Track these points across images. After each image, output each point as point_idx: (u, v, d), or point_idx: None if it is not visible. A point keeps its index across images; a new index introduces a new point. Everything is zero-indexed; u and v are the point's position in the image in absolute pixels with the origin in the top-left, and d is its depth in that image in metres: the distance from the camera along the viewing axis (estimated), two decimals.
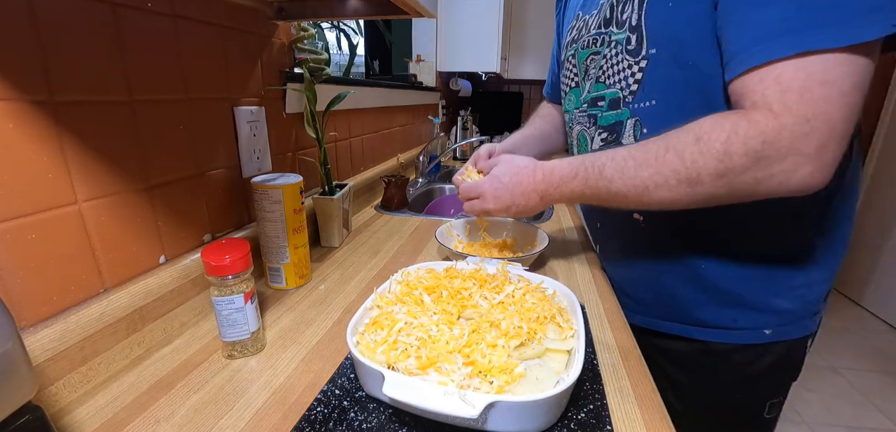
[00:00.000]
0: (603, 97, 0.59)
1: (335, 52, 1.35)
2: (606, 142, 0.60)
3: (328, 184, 0.79)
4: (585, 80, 0.63)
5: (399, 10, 0.63)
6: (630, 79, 0.54)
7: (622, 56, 0.55)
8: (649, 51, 0.51)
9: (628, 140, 0.57)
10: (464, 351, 0.39)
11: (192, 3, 0.54)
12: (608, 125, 0.59)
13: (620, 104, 0.57)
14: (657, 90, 0.53)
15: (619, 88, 0.56)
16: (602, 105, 0.60)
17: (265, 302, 0.60)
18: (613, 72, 0.57)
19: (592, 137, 0.62)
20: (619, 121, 0.58)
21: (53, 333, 0.39)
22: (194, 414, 0.39)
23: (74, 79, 0.41)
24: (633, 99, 0.55)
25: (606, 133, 0.60)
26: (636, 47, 0.53)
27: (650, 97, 0.53)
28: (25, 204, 0.38)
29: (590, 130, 0.63)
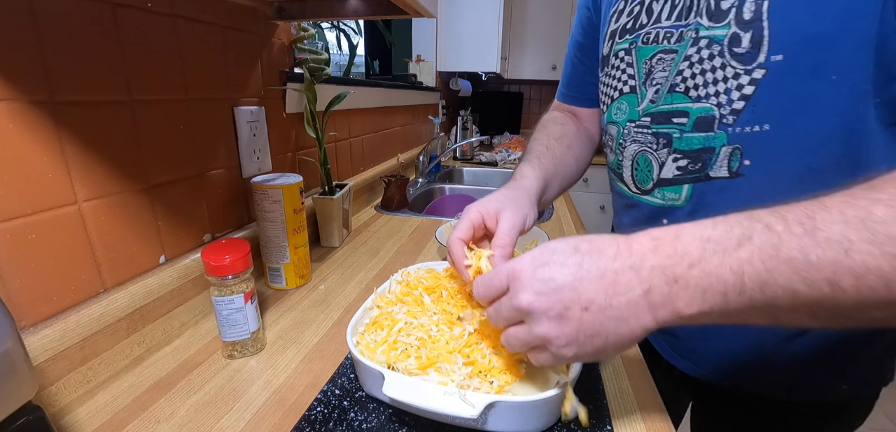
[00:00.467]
0: (685, 112, 0.45)
1: (335, 52, 1.36)
2: (686, 172, 0.46)
3: (328, 184, 0.79)
4: (648, 85, 0.49)
5: (399, 10, 0.63)
6: (734, 92, 0.41)
7: (723, 60, 0.41)
8: (772, 57, 0.38)
9: (719, 171, 0.44)
10: (464, 352, 0.39)
11: (192, 3, 0.54)
12: (691, 151, 0.45)
13: (714, 125, 0.43)
14: (776, 111, 0.39)
15: (715, 104, 0.42)
16: (682, 123, 0.45)
17: (265, 302, 0.60)
18: (706, 80, 0.43)
19: (663, 162, 0.48)
20: (708, 148, 0.44)
21: (53, 333, 0.39)
22: (194, 414, 0.39)
23: (74, 79, 0.41)
24: (737, 120, 0.41)
25: (686, 160, 0.46)
26: (749, 50, 0.39)
27: (762, 120, 0.40)
28: (25, 204, 0.38)
29: (658, 153, 0.48)
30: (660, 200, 0.50)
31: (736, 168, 0.43)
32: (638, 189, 0.52)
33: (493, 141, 2.46)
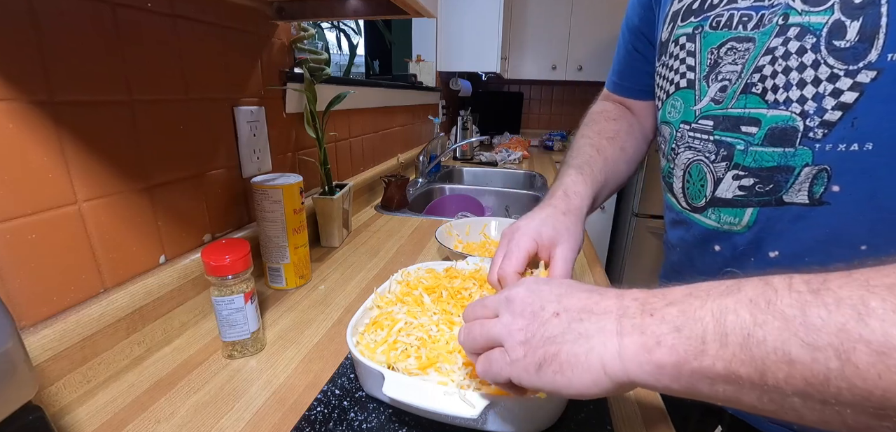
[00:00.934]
0: (756, 120, 0.36)
1: (335, 52, 1.36)
2: (752, 193, 0.38)
3: (328, 184, 0.79)
4: (711, 80, 0.40)
5: (399, 10, 0.63)
6: (827, 99, 0.32)
7: (817, 56, 0.32)
8: (888, 55, 0.29)
9: (797, 196, 0.35)
10: (464, 352, 0.39)
11: (191, 3, 0.54)
12: (760, 169, 0.37)
13: (795, 139, 0.34)
14: (884, 127, 0.31)
15: (797, 112, 0.34)
16: (752, 133, 0.37)
17: (265, 302, 0.60)
18: (789, 81, 0.34)
19: (720, 178, 0.40)
20: (785, 167, 0.35)
21: (53, 333, 0.39)
22: (194, 414, 0.39)
23: (74, 79, 0.41)
24: (828, 135, 0.33)
25: (753, 179, 0.37)
26: (856, 44, 0.30)
27: (863, 137, 0.31)
28: (25, 204, 0.38)
29: (716, 166, 0.40)
30: (714, 223, 0.42)
31: (819, 194, 0.34)
32: (688, 205, 0.44)
33: (493, 141, 2.46)
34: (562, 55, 2.67)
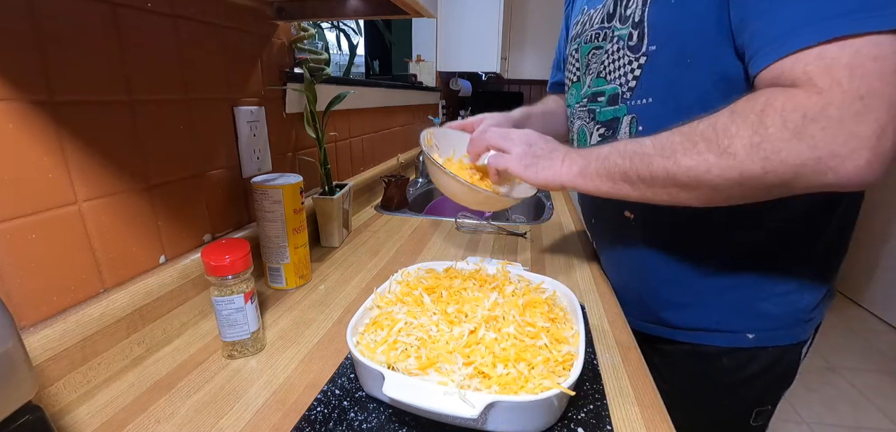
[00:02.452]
0: (603, 92, 0.59)
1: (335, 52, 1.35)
2: (604, 138, 0.59)
3: (328, 184, 0.79)
4: (587, 74, 0.63)
5: (399, 10, 0.63)
6: (629, 75, 0.54)
7: (623, 52, 0.54)
8: (649, 47, 0.51)
9: (624, 136, 0.57)
10: (464, 352, 0.39)
11: (192, 3, 0.54)
12: (606, 121, 0.59)
13: (618, 100, 0.56)
14: (654, 88, 0.52)
15: (618, 84, 0.56)
16: (601, 100, 0.59)
17: (265, 302, 0.60)
18: (614, 67, 0.56)
19: (591, 132, 0.62)
20: (616, 118, 0.57)
21: (53, 333, 0.39)
22: (194, 414, 0.39)
23: (74, 79, 0.41)
24: (632, 95, 0.54)
25: (604, 128, 0.59)
26: (637, 43, 0.52)
27: (647, 95, 0.53)
28: (25, 204, 0.38)
29: (589, 125, 0.62)
30: None
31: (634, 132, 0.55)
32: None
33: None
34: None
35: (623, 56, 0.54)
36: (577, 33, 0.66)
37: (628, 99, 0.55)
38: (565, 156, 0.53)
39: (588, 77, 0.62)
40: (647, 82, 0.52)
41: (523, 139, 0.57)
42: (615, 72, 0.56)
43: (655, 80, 0.52)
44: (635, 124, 0.55)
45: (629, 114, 0.55)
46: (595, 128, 0.61)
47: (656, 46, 0.50)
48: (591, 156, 0.50)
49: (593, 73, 0.61)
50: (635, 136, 0.54)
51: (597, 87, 0.60)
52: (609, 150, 0.49)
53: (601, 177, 0.49)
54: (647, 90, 0.53)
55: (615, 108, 0.57)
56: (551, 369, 0.38)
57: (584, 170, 0.51)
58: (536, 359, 0.38)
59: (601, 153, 0.49)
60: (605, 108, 0.59)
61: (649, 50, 0.51)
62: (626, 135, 0.56)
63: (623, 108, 0.56)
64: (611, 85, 0.57)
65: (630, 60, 0.53)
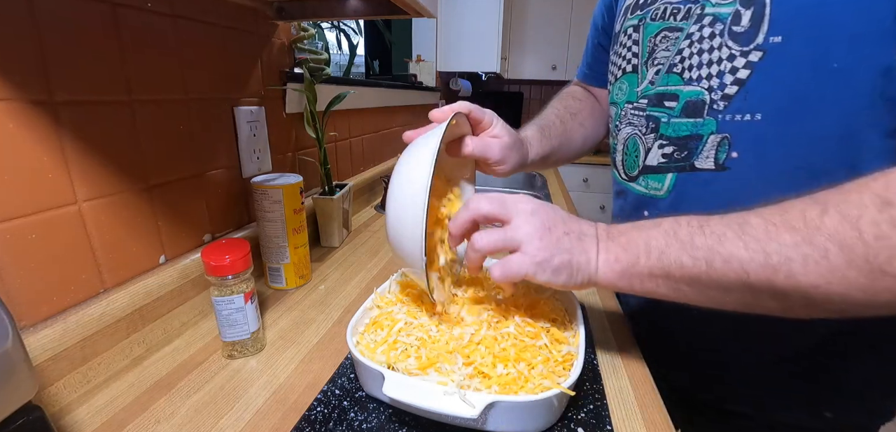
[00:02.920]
0: (675, 95, 0.42)
1: (335, 52, 1.35)
2: (671, 160, 0.44)
3: (328, 184, 0.79)
4: (649, 65, 0.46)
5: (399, 10, 0.63)
6: (727, 76, 0.38)
7: (721, 40, 0.38)
8: (770, 38, 0.35)
9: (705, 162, 0.41)
10: (464, 352, 0.39)
11: (192, 3, 0.54)
12: (677, 138, 0.43)
13: (703, 111, 0.40)
14: (769, 100, 0.37)
15: (705, 87, 0.40)
16: (672, 107, 0.43)
17: (265, 302, 0.60)
18: (700, 61, 0.40)
19: (649, 148, 0.46)
20: (695, 135, 0.41)
21: (53, 333, 0.39)
22: (194, 414, 0.39)
23: (74, 79, 0.41)
24: (727, 106, 0.39)
25: (672, 147, 0.43)
26: (748, 29, 0.37)
27: (755, 108, 0.37)
28: (25, 204, 0.38)
29: (646, 138, 0.46)
30: (643, 189, 0.48)
31: (722, 160, 0.40)
32: (626, 175, 0.51)
33: None
34: (562, 55, 2.67)
35: (720, 46, 0.39)
36: (637, 3, 0.48)
37: (721, 110, 0.39)
38: (600, 244, 0.37)
39: (651, 69, 0.46)
40: (757, 90, 0.37)
41: (537, 222, 0.37)
42: (701, 68, 0.40)
43: (773, 89, 0.36)
44: (726, 148, 0.40)
45: (720, 133, 0.40)
46: (655, 144, 0.45)
47: (783, 37, 0.35)
48: (638, 248, 0.35)
49: (661, 65, 0.44)
50: (724, 165, 0.40)
51: (666, 86, 0.44)
52: (665, 239, 0.33)
53: (656, 278, 0.34)
54: (755, 102, 0.37)
55: (695, 120, 0.41)
56: (551, 369, 0.38)
57: (629, 270, 0.35)
58: (536, 359, 0.38)
59: (653, 243, 0.34)
60: (677, 120, 0.43)
61: (769, 41, 0.36)
62: (710, 161, 0.41)
63: (710, 123, 0.40)
64: (691, 87, 0.41)
65: (732, 54, 0.38)
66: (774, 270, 0.28)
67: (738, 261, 0.30)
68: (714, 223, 0.32)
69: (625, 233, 0.36)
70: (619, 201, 0.55)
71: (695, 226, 0.32)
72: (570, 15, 2.58)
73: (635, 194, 0.49)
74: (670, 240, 0.33)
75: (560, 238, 0.36)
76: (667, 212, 0.43)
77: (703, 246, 0.31)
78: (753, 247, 0.29)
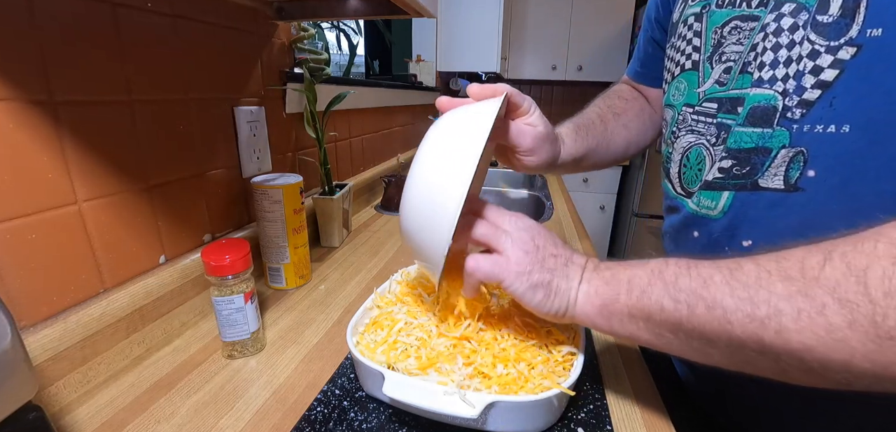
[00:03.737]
0: (741, 99, 0.36)
1: (335, 52, 1.35)
2: (729, 176, 0.37)
3: (328, 184, 0.79)
4: (715, 61, 0.39)
5: (399, 10, 0.63)
6: (807, 77, 0.32)
7: (803, 32, 0.31)
8: (868, 31, 0.28)
9: (772, 181, 0.35)
10: (464, 352, 0.39)
11: (192, 3, 0.54)
12: (739, 150, 0.36)
13: (774, 119, 0.34)
14: (863, 108, 0.30)
15: (779, 91, 0.33)
16: (738, 112, 0.36)
17: (265, 302, 0.60)
18: (775, 59, 0.33)
19: (714, 161, 0.39)
20: (762, 148, 0.35)
21: (53, 333, 0.39)
22: (194, 414, 0.39)
23: (74, 79, 0.41)
24: (806, 114, 0.32)
25: (732, 161, 0.37)
26: (838, 19, 0.30)
27: (842, 119, 0.30)
28: (25, 204, 0.38)
29: (714, 149, 0.39)
30: (695, 207, 0.42)
31: (795, 179, 0.33)
32: (682, 189, 0.44)
33: None
34: (562, 55, 2.67)
35: (801, 40, 0.32)
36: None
37: (797, 119, 0.33)
38: (585, 274, 0.35)
39: (718, 66, 0.38)
40: (846, 96, 0.30)
41: (527, 237, 0.35)
42: (776, 67, 0.33)
43: (868, 96, 0.29)
44: (800, 165, 0.33)
45: (794, 146, 0.33)
46: (719, 156, 0.38)
47: (883, 29, 0.28)
48: (620, 284, 0.32)
49: (734, 63, 0.37)
50: (796, 185, 0.34)
51: (738, 89, 0.36)
52: (649, 278, 0.30)
53: (636, 319, 0.31)
54: (844, 110, 0.30)
55: (763, 131, 0.34)
56: (551, 369, 0.38)
57: (609, 306, 0.32)
58: (536, 359, 0.38)
59: (636, 281, 0.31)
60: (740, 128, 0.36)
61: (867, 35, 0.29)
62: (779, 179, 0.34)
63: (782, 135, 0.33)
64: (762, 89, 0.34)
65: (814, 50, 0.31)
66: (762, 324, 0.24)
67: (722, 309, 0.26)
68: (704, 265, 0.28)
69: (611, 268, 0.34)
70: (671, 218, 0.48)
71: (682, 267, 0.29)
72: (570, 15, 2.58)
73: (687, 212, 0.43)
74: (653, 280, 0.30)
75: (546, 258, 0.35)
76: (721, 236, 0.40)
77: (687, 289, 0.28)
78: (740, 295, 0.25)
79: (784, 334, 0.23)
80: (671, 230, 0.48)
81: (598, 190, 2.61)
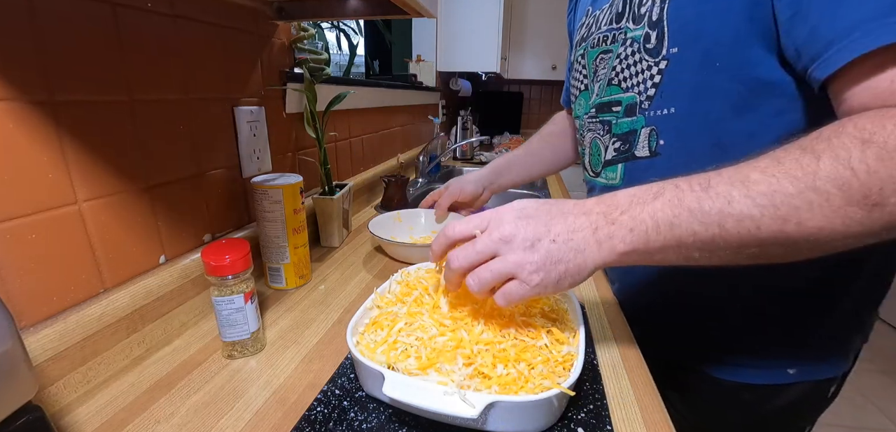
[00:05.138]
0: (618, 102, 0.52)
1: (335, 52, 1.35)
2: (619, 153, 0.54)
3: (328, 184, 0.79)
4: (595, 81, 0.57)
5: (399, 10, 0.63)
6: (647, 82, 0.48)
7: (640, 55, 0.48)
8: (670, 50, 0.45)
9: (642, 151, 0.51)
10: (464, 352, 0.39)
11: (192, 3, 0.54)
12: (622, 134, 0.52)
13: (636, 110, 0.50)
14: (678, 96, 0.46)
15: (636, 93, 0.50)
16: (617, 111, 0.53)
17: (265, 302, 0.60)
18: (629, 74, 0.50)
19: (606, 146, 0.55)
20: (632, 131, 0.51)
21: (53, 333, 0.39)
22: (194, 415, 0.39)
23: (74, 79, 0.41)
24: (650, 105, 0.48)
25: (620, 142, 0.53)
26: (656, 45, 0.46)
27: (669, 104, 0.47)
28: (25, 204, 0.38)
29: (603, 138, 0.56)
30: (604, 181, 0.57)
31: (654, 147, 0.49)
32: (593, 172, 0.60)
33: (493, 141, 2.46)
34: (562, 55, 2.67)
35: (639, 61, 0.48)
36: (583, 37, 0.61)
37: (646, 109, 0.49)
38: (600, 233, 0.36)
39: (596, 84, 0.57)
40: (668, 90, 0.47)
41: (519, 242, 0.36)
42: (631, 79, 0.50)
43: (679, 88, 0.46)
44: (655, 137, 0.49)
45: (648, 126, 0.49)
46: (610, 142, 0.55)
47: (678, 48, 0.45)
48: (646, 225, 0.34)
49: (603, 80, 0.55)
50: (656, 151, 0.49)
51: (610, 96, 0.54)
52: (672, 209, 0.33)
53: (666, 250, 0.34)
54: (668, 99, 0.47)
55: (632, 119, 0.51)
56: (551, 369, 0.38)
57: (639, 249, 0.35)
58: (536, 359, 0.38)
59: (660, 215, 0.34)
60: (621, 120, 0.52)
61: (670, 53, 0.45)
62: (645, 149, 0.50)
63: (640, 120, 0.50)
64: (627, 94, 0.51)
65: (648, 65, 0.48)
66: (784, 221, 0.30)
67: (751, 219, 0.31)
68: (716, 183, 0.33)
69: (626, 210, 0.35)
70: (589, 197, 0.61)
71: (698, 190, 0.33)
72: None
73: (600, 186, 0.59)
74: (678, 210, 0.33)
75: (549, 249, 0.36)
76: None
77: (713, 210, 0.32)
78: (762, 203, 0.30)
79: (802, 224, 0.30)
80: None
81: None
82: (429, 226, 0.88)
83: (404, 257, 0.74)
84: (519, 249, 0.36)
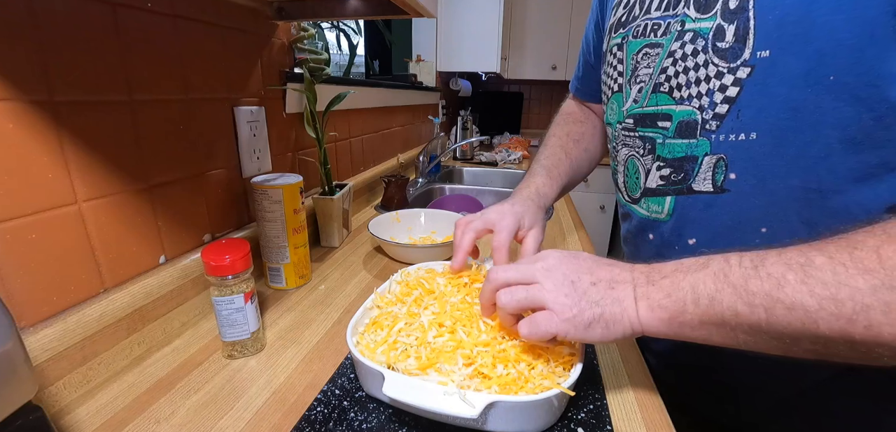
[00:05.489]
0: (668, 116, 0.41)
1: (335, 52, 1.35)
2: (668, 183, 0.42)
3: (328, 184, 0.79)
4: (632, 83, 0.45)
5: (399, 10, 0.62)
6: (716, 94, 0.36)
7: (706, 57, 0.37)
8: (758, 53, 0.34)
9: (703, 185, 0.39)
10: (464, 352, 0.39)
11: (192, 3, 0.54)
12: (674, 159, 0.41)
13: (696, 131, 0.38)
14: (763, 119, 0.34)
15: (696, 107, 0.38)
16: (666, 128, 0.41)
17: (265, 302, 0.60)
18: (686, 81, 0.39)
19: (648, 171, 0.44)
20: (690, 157, 0.39)
21: (53, 333, 0.39)
22: (194, 414, 0.39)
23: (74, 79, 0.41)
24: (720, 126, 0.37)
25: (670, 170, 0.42)
26: (734, 45, 0.35)
27: (749, 128, 0.35)
28: (25, 204, 0.38)
29: (644, 160, 0.44)
30: (645, 212, 0.47)
31: (721, 182, 0.38)
32: (629, 197, 0.49)
33: (493, 141, 2.46)
34: (562, 55, 2.67)
35: (704, 64, 0.37)
36: (621, 21, 0.47)
37: (714, 131, 0.37)
38: (639, 290, 0.34)
39: (634, 87, 0.44)
40: (750, 109, 0.35)
41: (559, 276, 0.35)
42: (689, 87, 0.38)
43: (766, 107, 0.34)
44: (723, 169, 0.38)
45: (714, 154, 0.38)
46: (654, 166, 0.43)
47: (771, 51, 0.33)
48: (684, 294, 0.31)
49: (645, 84, 0.43)
50: (722, 187, 0.38)
51: (656, 107, 0.42)
52: (715, 283, 0.30)
53: (708, 326, 0.31)
54: (749, 121, 0.35)
55: (689, 141, 0.39)
56: (551, 369, 0.38)
57: (677, 318, 0.32)
58: (536, 359, 0.38)
59: (701, 287, 0.30)
60: (672, 141, 0.41)
61: (758, 57, 0.34)
62: (708, 183, 0.39)
63: (703, 144, 0.38)
64: (682, 106, 0.39)
65: (718, 71, 0.36)
66: (849, 321, 0.25)
67: (804, 310, 0.26)
68: (770, 263, 0.28)
69: (668, 275, 0.33)
70: (625, 224, 0.54)
71: (748, 266, 0.29)
72: (571, 15, 2.58)
73: (639, 217, 0.48)
74: (720, 285, 0.29)
75: (587, 289, 0.34)
76: (669, 236, 0.44)
77: (760, 291, 0.27)
78: (820, 293, 0.25)
79: (875, 328, 0.24)
80: (628, 235, 0.53)
81: (598, 190, 2.60)
82: (428, 227, 0.88)
83: (404, 257, 0.74)
84: (558, 280, 0.35)
